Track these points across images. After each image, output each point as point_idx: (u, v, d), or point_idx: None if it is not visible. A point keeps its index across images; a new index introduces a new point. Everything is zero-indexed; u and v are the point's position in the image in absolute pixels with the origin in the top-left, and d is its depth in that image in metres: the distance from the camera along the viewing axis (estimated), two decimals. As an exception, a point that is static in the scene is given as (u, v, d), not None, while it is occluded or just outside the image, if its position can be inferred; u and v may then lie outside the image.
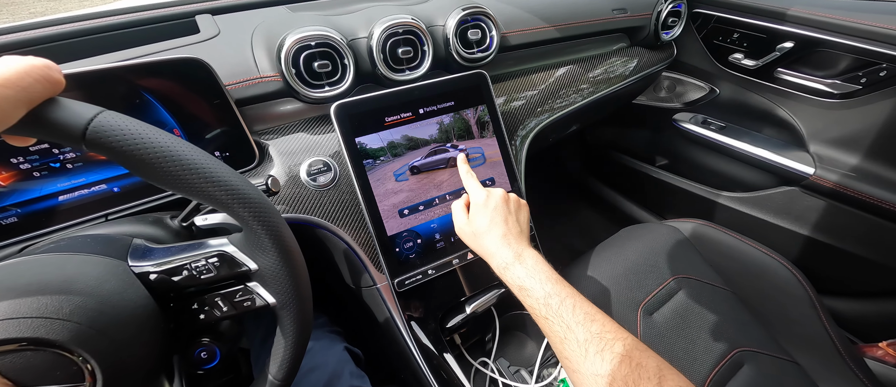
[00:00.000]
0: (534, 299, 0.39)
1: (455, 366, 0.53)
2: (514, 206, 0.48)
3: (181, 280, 0.33)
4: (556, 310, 0.37)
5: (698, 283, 0.73)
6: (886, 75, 0.60)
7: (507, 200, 0.48)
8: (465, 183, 0.51)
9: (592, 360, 0.33)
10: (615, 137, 1.12)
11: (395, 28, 0.50)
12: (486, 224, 0.45)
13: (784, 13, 0.68)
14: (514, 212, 0.47)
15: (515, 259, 0.42)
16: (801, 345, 0.68)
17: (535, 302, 0.39)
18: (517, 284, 0.40)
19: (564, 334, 0.36)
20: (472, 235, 0.46)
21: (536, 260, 0.42)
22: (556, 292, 0.38)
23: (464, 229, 0.48)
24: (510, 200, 0.48)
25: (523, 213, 0.49)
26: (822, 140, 0.71)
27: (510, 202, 0.48)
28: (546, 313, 0.38)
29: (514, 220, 0.46)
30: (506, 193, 0.49)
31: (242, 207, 0.28)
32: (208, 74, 0.41)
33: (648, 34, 0.77)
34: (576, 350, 0.35)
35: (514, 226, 0.45)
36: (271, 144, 0.51)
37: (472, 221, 0.47)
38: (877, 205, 0.66)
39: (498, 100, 0.67)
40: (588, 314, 0.36)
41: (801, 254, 0.79)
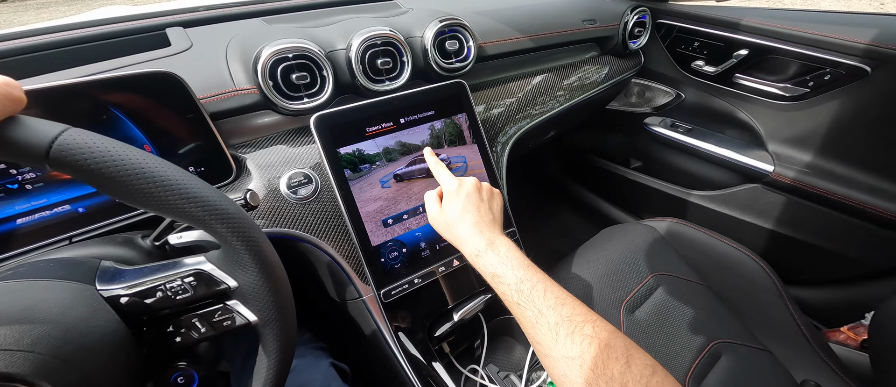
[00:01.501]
0: (506, 286, 0.39)
1: (444, 375, 0.53)
2: (487, 194, 0.48)
3: (155, 302, 0.31)
4: (528, 295, 0.37)
5: (675, 279, 0.76)
6: (830, 79, 0.66)
7: (479, 187, 0.47)
8: (435, 174, 0.50)
9: (563, 342, 0.34)
10: (592, 142, 1.16)
11: (374, 39, 0.51)
12: (458, 212, 0.44)
13: (738, 23, 0.73)
14: (487, 200, 0.47)
15: (487, 246, 0.41)
16: (772, 334, 0.71)
17: (507, 288, 0.39)
18: (489, 271, 0.40)
19: (536, 319, 0.36)
20: (445, 224, 0.45)
21: (509, 247, 0.42)
22: (528, 277, 0.38)
23: (437, 219, 0.47)
24: (483, 188, 0.48)
25: (496, 201, 0.49)
26: (778, 139, 0.76)
27: (483, 190, 0.47)
28: (518, 299, 0.37)
29: (486, 208, 0.46)
30: (478, 181, 0.48)
31: (220, 222, 0.27)
32: (181, 88, 0.40)
33: (617, 43, 0.81)
34: (547, 334, 0.35)
35: (487, 214, 0.45)
36: (249, 158, 0.50)
37: (444, 210, 0.46)
38: (830, 198, 0.71)
39: (477, 108, 0.68)
40: (559, 298, 0.36)
41: (768, 247, 0.83)
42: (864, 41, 0.61)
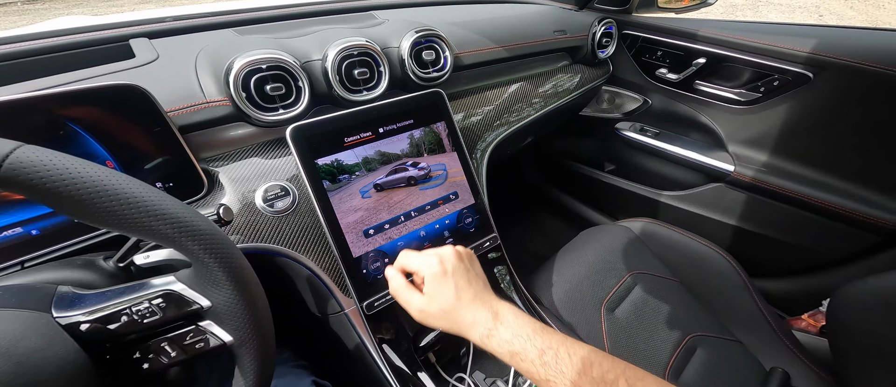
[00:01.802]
0: (529, 362, 0.35)
1: (431, 385, 0.52)
2: (468, 258, 0.43)
3: (119, 327, 0.29)
4: (555, 367, 0.34)
5: (651, 277, 0.79)
6: (778, 85, 0.72)
7: (460, 256, 0.42)
8: (409, 266, 0.44)
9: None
10: (567, 147, 1.19)
11: (350, 50, 0.51)
12: (453, 294, 0.39)
13: (696, 33, 0.78)
14: (471, 265, 0.43)
15: (495, 320, 0.38)
16: (741, 325, 0.75)
17: (531, 365, 0.35)
18: (506, 350, 0.36)
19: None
20: (441, 313, 0.40)
21: (515, 314, 0.38)
22: (548, 344, 0.35)
23: (426, 310, 0.40)
24: (462, 254, 0.43)
25: (476, 263, 0.44)
26: (737, 141, 0.81)
27: (464, 258, 0.43)
28: (546, 375, 0.34)
29: (474, 274, 0.42)
30: (454, 248, 0.43)
31: (190, 239, 0.26)
32: (146, 101, 0.38)
33: (586, 53, 0.85)
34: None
35: (477, 280, 0.41)
36: (222, 172, 0.48)
37: (434, 298, 0.40)
38: (785, 194, 0.76)
39: (456, 116, 0.69)
40: (584, 358, 0.34)
41: (733, 242, 0.88)
42: (805, 50, 0.67)
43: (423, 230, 0.55)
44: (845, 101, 0.67)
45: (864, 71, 0.63)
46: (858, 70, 0.63)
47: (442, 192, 0.58)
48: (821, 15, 5.05)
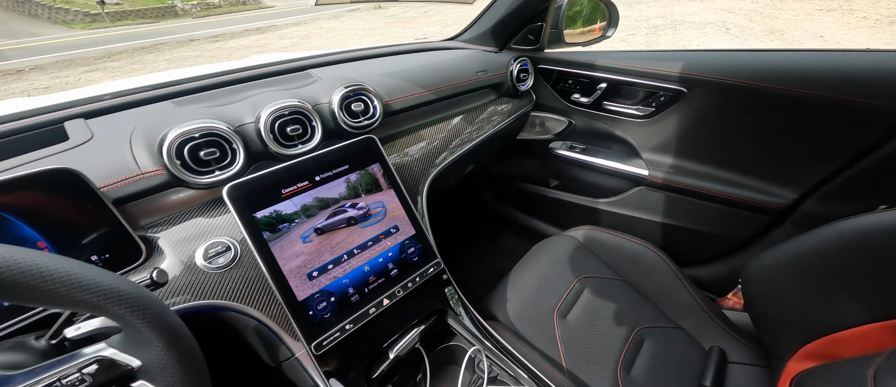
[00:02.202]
0: None
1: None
2: None
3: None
4: None
5: (597, 279, 0.86)
6: (664, 100, 0.85)
7: None
8: None
9: None
10: (514, 169, 1.29)
11: (281, 111, 0.56)
12: None
13: (595, 64, 0.92)
14: None
15: None
16: (680, 312, 0.82)
17: None
18: None
19: None
20: None
21: None
22: None
23: None
24: None
25: None
26: (646, 149, 0.93)
27: None
28: None
29: None
30: None
31: (115, 304, 0.28)
32: (77, 180, 0.41)
33: (509, 87, 0.96)
34: None
35: None
36: (162, 236, 0.50)
37: None
38: (690, 189, 0.87)
39: (396, 155, 0.75)
40: None
41: (662, 237, 0.98)
42: (677, 71, 0.80)
43: (366, 266, 0.59)
44: (715, 108, 0.80)
45: (723, 84, 0.77)
46: (719, 83, 0.77)
47: (382, 227, 0.62)
48: (728, 28, 5.81)
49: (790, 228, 0.79)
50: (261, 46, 7.48)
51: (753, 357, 0.74)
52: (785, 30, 5.45)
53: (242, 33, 8.71)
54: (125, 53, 6.81)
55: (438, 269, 0.66)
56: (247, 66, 0.74)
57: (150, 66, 6.14)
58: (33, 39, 7.17)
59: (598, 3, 0.99)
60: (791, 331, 0.64)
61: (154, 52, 6.92)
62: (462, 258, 1.35)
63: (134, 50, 7.07)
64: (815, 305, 0.59)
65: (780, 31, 5.43)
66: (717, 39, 5.22)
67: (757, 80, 0.72)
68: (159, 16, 15.36)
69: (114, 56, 6.58)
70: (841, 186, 0.70)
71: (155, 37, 8.17)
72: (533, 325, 0.76)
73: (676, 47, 4.34)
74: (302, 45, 7.44)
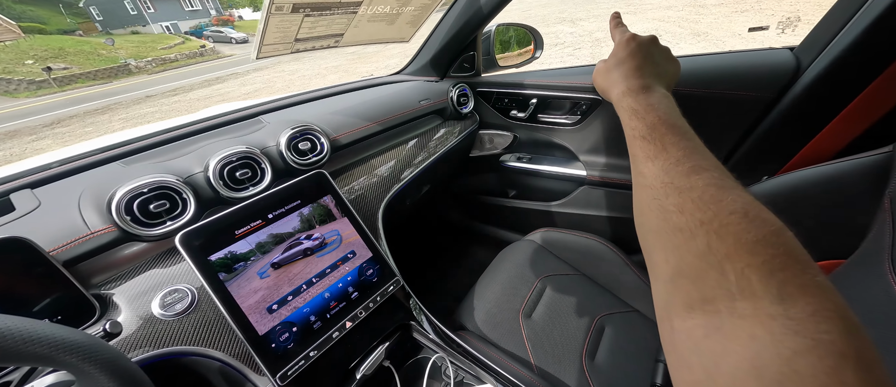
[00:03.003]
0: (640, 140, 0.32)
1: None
2: (662, 54, 0.42)
3: None
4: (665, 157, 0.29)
5: (557, 276, 0.91)
6: (586, 108, 0.96)
7: (654, 41, 0.42)
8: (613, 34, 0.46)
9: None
10: (474, 184, 1.36)
11: (229, 157, 0.60)
12: (623, 57, 0.41)
13: (523, 83, 1.02)
14: (660, 59, 0.41)
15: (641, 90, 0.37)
16: (634, 296, 0.89)
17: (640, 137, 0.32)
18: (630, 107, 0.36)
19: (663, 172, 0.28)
20: (605, 69, 0.42)
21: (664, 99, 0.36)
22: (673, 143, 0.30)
23: (598, 67, 0.44)
24: (658, 44, 0.42)
25: (673, 64, 0.42)
26: (582, 152, 1.03)
27: (658, 45, 0.42)
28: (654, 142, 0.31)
29: (653, 61, 0.40)
30: (654, 37, 0.43)
31: (67, 353, 0.30)
32: (23, 246, 0.42)
33: (451, 111, 1.04)
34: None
35: (652, 66, 0.40)
36: (117, 292, 0.51)
37: (610, 57, 0.43)
38: (622, 183, 0.97)
39: (350, 186, 0.80)
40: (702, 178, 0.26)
41: (610, 230, 1.06)
42: (590, 82, 0.91)
43: (326, 292, 0.62)
44: None
45: None
46: None
47: (339, 254, 0.65)
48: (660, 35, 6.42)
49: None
50: (222, 95, 7.42)
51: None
52: (709, 31, 6.08)
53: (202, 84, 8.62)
54: (76, 117, 6.56)
55: (398, 286, 0.69)
56: (196, 120, 0.77)
57: (104, 126, 5.93)
58: (-31, 115, 6.77)
59: (525, 31, 1.12)
60: None
61: (107, 113, 6.70)
62: (436, 276, 1.39)
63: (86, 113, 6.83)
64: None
65: (704, 33, 6.05)
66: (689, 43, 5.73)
67: None
68: (112, 76, 14.96)
69: (63, 121, 6.32)
70: (734, 165, 0.81)
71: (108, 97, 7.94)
72: (500, 328, 0.80)
73: (618, 56, 4.73)
74: (265, 91, 7.45)
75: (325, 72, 8.52)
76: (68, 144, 0.89)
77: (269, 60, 11.55)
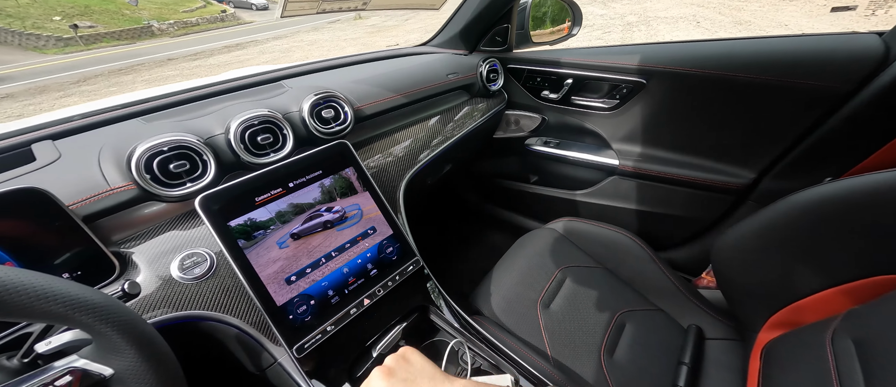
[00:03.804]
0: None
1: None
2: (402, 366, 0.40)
3: None
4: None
5: (578, 268, 0.88)
6: (627, 92, 0.89)
7: (390, 372, 0.39)
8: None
9: None
10: (495, 167, 1.31)
11: (251, 121, 0.57)
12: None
13: (560, 61, 0.95)
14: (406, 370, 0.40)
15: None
16: (658, 294, 0.85)
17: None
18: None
19: None
20: None
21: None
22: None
23: None
24: (393, 368, 0.40)
25: (414, 358, 0.42)
26: (615, 139, 0.97)
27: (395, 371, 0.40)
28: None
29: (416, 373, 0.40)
30: (378, 369, 0.40)
31: (83, 313, 0.29)
32: (43, 199, 0.41)
33: (480, 87, 0.99)
34: None
35: (421, 378, 0.39)
36: (136, 251, 0.51)
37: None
38: (659, 175, 0.91)
39: (372, 159, 0.77)
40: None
41: (638, 223, 1.01)
42: (635, 64, 0.84)
43: (345, 267, 0.60)
44: (674, 97, 0.84)
45: (679, 74, 0.81)
46: (676, 74, 0.81)
47: (359, 229, 0.63)
48: (698, 22, 6.02)
49: (752, 205, 0.83)
50: (241, 62, 7.43)
51: (729, 332, 0.77)
52: (752, 21, 5.68)
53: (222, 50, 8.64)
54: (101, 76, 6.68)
55: (418, 266, 0.67)
56: (217, 81, 0.75)
57: (128, 87, 6.03)
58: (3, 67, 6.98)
59: (563, 4, 1.03)
60: (758, 303, 0.67)
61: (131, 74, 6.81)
62: (450, 258, 1.37)
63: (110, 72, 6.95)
64: (777, 276, 0.62)
65: (747, 22, 5.66)
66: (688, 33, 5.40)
67: (709, 69, 0.76)
68: (135, 37, 15.12)
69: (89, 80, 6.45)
70: (792, 163, 0.74)
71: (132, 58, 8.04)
72: (516, 316, 0.77)
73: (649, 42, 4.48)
74: (283, 59, 7.41)
75: (343, 44, 8.39)
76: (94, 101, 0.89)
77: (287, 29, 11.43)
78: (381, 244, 0.64)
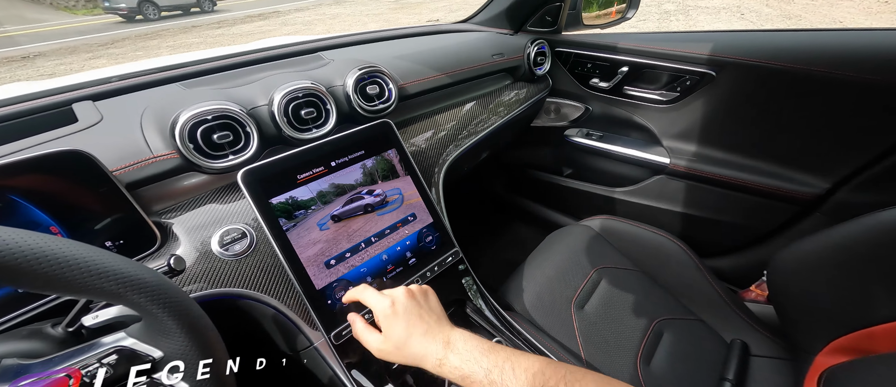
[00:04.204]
0: (477, 383, 0.38)
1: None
2: (421, 295, 0.46)
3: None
4: (501, 383, 0.37)
5: (615, 270, 0.84)
6: (690, 84, 0.81)
7: (412, 294, 0.45)
8: (362, 300, 0.47)
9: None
10: (527, 157, 1.26)
11: (295, 93, 0.54)
12: (404, 330, 0.42)
13: (616, 46, 0.88)
14: (424, 302, 0.45)
15: (445, 349, 0.40)
16: (700, 304, 0.80)
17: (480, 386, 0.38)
18: (458, 375, 0.39)
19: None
20: (395, 349, 0.42)
21: (465, 339, 0.41)
22: (494, 364, 0.38)
23: (383, 348, 0.43)
24: (415, 293, 0.45)
25: (431, 296, 0.47)
26: (668, 136, 0.90)
27: (416, 295, 0.45)
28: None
29: (427, 309, 0.44)
30: (407, 288, 0.46)
31: (135, 292, 0.27)
32: (88, 163, 0.39)
33: (525, 71, 0.92)
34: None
35: (430, 315, 0.43)
36: (176, 222, 0.49)
37: (388, 336, 0.43)
38: (714, 178, 0.84)
39: (412, 141, 0.73)
40: (528, 369, 0.37)
41: (682, 227, 0.95)
42: (706, 53, 0.76)
43: (385, 254, 0.57)
44: (746, 92, 0.77)
45: (756, 66, 0.73)
46: (751, 66, 0.73)
47: (400, 215, 0.60)
48: (743, 14, 5.63)
49: (820, 218, 0.76)
50: (264, 33, 7.39)
51: (777, 350, 0.72)
52: (802, 15, 5.28)
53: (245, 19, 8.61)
54: (128, 40, 6.78)
55: (457, 258, 0.64)
56: (256, 49, 0.71)
57: (153, 52, 6.10)
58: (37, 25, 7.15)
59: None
60: (821, 324, 0.62)
61: (156, 39, 6.87)
62: (470, 247, 1.34)
63: (137, 36, 7.03)
64: (848, 298, 0.57)
65: (797, 16, 5.26)
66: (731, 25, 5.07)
67: (794, 63, 0.68)
68: (161, 2, 15.17)
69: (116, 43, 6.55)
70: (880, 174, 0.67)
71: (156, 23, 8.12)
72: (550, 315, 0.74)
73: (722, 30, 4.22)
74: (305, 32, 7.33)
75: (365, 19, 8.23)
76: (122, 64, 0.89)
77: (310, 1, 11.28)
78: (421, 232, 0.61)
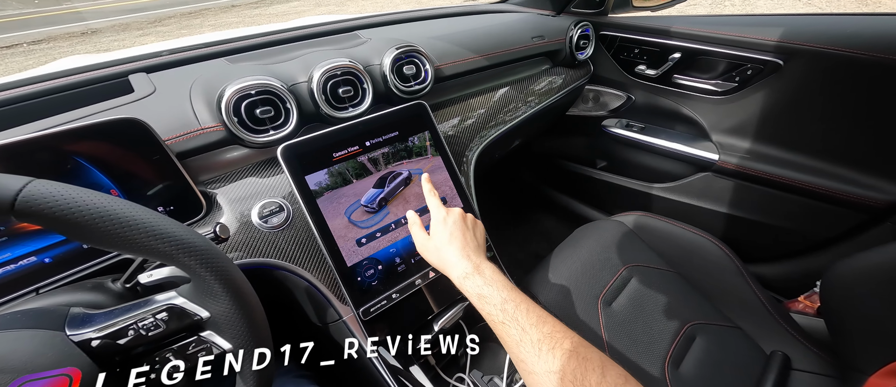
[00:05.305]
0: (492, 305, 0.41)
1: (428, 384, 0.54)
2: (471, 223, 0.52)
3: (128, 342, 0.32)
4: (512, 314, 0.40)
5: (647, 269, 0.80)
6: (752, 74, 0.74)
7: (464, 217, 0.51)
8: (427, 201, 0.54)
9: (545, 357, 0.36)
10: (559, 146, 1.22)
11: (334, 70, 0.54)
12: (447, 238, 0.48)
13: (669, 30, 0.81)
14: (472, 228, 0.51)
15: (474, 270, 0.44)
16: (739, 311, 0.76)
17: (492, 308, 0.41)
18: (476, 292, 0.43)
19: (520, 337, 0.38)
20: (434, 249, 0.49)
21: (493, 271, 0.45)
22: (512, 298, 0.41)
23: (425, 245, 0.50)
24: (467, 218, 0.52)
25: (479, 229, 0.53)
26: (719, 130, 0.83)
27: (467, 219, 0.51)
28: (503, 318, 0.40)
29: (471, 235, 0.49)
30: (463, 211, 0.52)
31: (188, 256, 0.28)
32: (144, 132, 0.41)
33: (566, 55, 0.88)
34: (530, 351, 0.37)
35: (472, 240, 0.49)
36: (220, 193, 0.51)
37: (433, 236, 0.49)
38: (768, 179, 0.78)
39: (444, 124, 0.72)
40: (540, 317, 0.40)
41: (725, 229, 0.89)
42: (774, 39, 0.69)
43: (414, 236, 0.58)
44: (817, 84, 0.69)
45: (831, 55, 0.65)
46: (826, 55, 0.65)
47: (430, 198, 0.60)
48: (809, 2, 5.07)
49: (890, 228, 0.69)
50: (298, 13, 7.51)
51: (823, 367, 0.67)
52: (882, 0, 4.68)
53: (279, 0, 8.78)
54: (173, 18, 7.10)
55: (486, 249, 0.63)
56: (295, 26, 0.72)
57: (196, 30, 6.37)
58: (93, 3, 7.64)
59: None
60: (880, 344, 0.57)
61: (199, 18, 7.16)
62: (496, 235, 1.33)
63: (181, 15, 7.36)
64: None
65: (875, 1, 4.67)
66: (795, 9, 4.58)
67: (871, 51, 0.60)
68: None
69: (163, 21, 6.89)
70: None
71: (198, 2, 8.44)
72: (575, 309, 0.73)
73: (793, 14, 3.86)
74: (338, 11, 7.37)
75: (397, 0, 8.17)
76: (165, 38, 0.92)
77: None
78: (451, 217, 0.61)
